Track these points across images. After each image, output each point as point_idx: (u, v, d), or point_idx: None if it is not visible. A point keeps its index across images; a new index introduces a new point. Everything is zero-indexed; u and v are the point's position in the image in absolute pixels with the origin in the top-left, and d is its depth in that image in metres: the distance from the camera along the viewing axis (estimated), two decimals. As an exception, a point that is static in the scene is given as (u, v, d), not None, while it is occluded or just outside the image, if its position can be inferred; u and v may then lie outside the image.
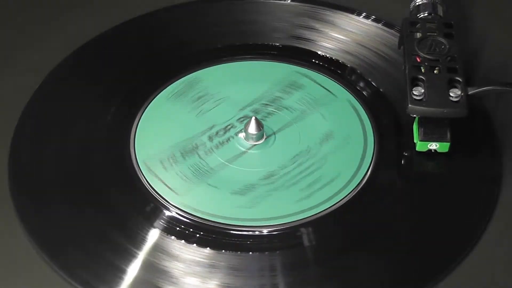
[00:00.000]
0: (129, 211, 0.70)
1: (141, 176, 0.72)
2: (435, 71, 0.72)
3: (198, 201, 0.70)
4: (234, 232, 0.68)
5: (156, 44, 0.84)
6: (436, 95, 0.70)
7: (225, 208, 0.70)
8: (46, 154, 0.74)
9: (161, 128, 0.76)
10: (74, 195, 0.71)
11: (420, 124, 0.72)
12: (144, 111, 0.77)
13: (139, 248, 0.67)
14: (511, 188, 0.71)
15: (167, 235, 0.68)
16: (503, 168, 0.73)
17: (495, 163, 0.73)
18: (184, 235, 0.68)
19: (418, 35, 0.76)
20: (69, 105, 0.78)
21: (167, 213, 0.69)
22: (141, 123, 0.76)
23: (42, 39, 0.85)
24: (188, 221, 0.69)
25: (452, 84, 0.71)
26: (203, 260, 0.66)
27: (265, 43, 0.84)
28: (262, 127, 0.74)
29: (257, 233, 0.68)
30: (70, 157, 0.74)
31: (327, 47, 0.83)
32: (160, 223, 0.69)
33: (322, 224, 0.69)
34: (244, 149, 0.74)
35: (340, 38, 0.84)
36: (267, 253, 0.67)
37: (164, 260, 0.66)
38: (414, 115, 0.72)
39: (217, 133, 0.75)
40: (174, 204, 0.70)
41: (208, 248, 0.67)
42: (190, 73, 0.80)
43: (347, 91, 0.79)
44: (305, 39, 0.84)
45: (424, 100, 0.70)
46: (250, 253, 0.67)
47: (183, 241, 0.67)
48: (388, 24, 0.84)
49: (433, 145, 0.72)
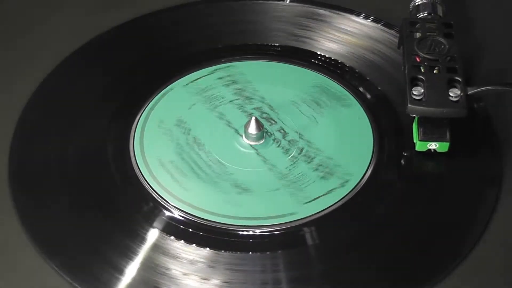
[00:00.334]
0: (128, 211, 0.70)
1: (140, 176, 0.72)
2: (434, 71, 0.72)
3: (198, 201, 0.70)
4: (234, 232, 0.68)
5: (156, 44, 0.84)
6: (436, 95, 0.70)
7: (225, 207, 0.70)
8: (46, 154, 0.74)
9: (161, 128, 0.76)
10: (74, 195, 0.71)
11: (419, 124, 0.72)
12: (144, 111, 0.77)
13: (139, 248, 0.67)
14: (511, 188, 0.71)
15: (167, 235, 0.68)
16: (503, 168, 0.73)
17: (495, 163, 0.73)
18: (184, 235, 0.68)
19: (418, 35, 0.76)
20: (69, 105, 0.78)
21: (166, 213, 0.69)
22: (141, 122, 0.76)
23: (42, 39, 0.85)
24: (187, 221, 0.69)
25: (451, 84, 0.71)
26: (203, 260, 0.66)
27: (265, 43, 0.84)
28: (262, 127, 0.74)
29: (257, 233, 0.68)
30: (70, 157, 0.74)
31: (327, 47, 0.83)
32: (159, 223, 0.69)
33: (322, 224, 0.69)
34: (244, 149, 0.74)
35: (340, 38, 0.84)
36: (267, 253, 0.67)
37: (164, 260, 0.66)
38: (414, 115, 0.72)
39: (220, 133, 0.75)
40: (173, 204, 0.70)
41: (207, 248, 0.67)
42: (190, 73, 0.81)
43: (347, 91, 0.79)
44: (305, 39, 0.84)
45: (424, 100, 0.70)
46: (250, 253, 0.67)
47: (182, 241, 0.68)
48: (387, 24, 0.84)
49: (433, 145, 0.72)
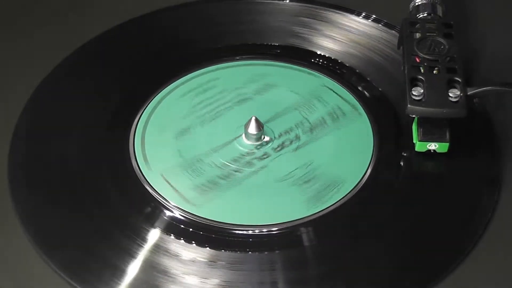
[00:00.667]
0: (129, 210, 0.70)
1: (140, 175, 0.72)
2: (434, 72, 0.72)
3: (198, 201, 0.70)
4: (233, 231, 0.68)
5: (156, 44, 0.84)
6: (435, 95, 0.70)
7: (225, 207, 0.70)
8: (46, 154, 0.74)
9: (161, 128, 0.76)
10: (74, 195, 0.71)
11: (419, 124, 0.72)
12: (144, 111, 0.77)
13: (139, 248, 0.67)
14: (511, 188, 0.71)
15: (167, 234, 0.68)
16: (503, 168, 0.73)
17: (495, 163, 0.73)
18: (184, 234, 0.68)
19: (418, 35, 0.76)
20: (69, 105, 0.78)
21: (166, 212, 0.69)
22: (141, 122, 0.76)
23: (42, 39, 0.85)
24: (187, 220, 0.69)
25: (451, 85, 0.71)
26: (202, 259, 0.66)
27: (265, 43, 0.84)
28: (262, 127, 0.74)
29: (257, 232, 0.68)
30: (70, 156, 0.74)
31: (327, 47, 0.83)
32: (159, 222, 0.69)
33: (322, 224, 0.69)
34: (244, 149, 0.74)
35: (340, 38, 0.84)
36: (266, 252, 0.67)
37: (164, 260, 0.66)
38: (414, 115, 0.72)
39: (220, 133, 0.75)
40: (173, 204, 0.70)
41: (207, 247, 0.67)
42: (194, 71, 0.81)
43: (347, 91, 0.79)
44: (305, 39, 0.84)
45: (423, 100, 0.70)
46: (250, 252, 0.67)
47: (182, 240, 0.68)
48: (388, 24, 0.84)
49: (433, 145, 0.72)
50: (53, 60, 0.82)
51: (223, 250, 0.67)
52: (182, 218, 0.69)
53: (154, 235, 0.68)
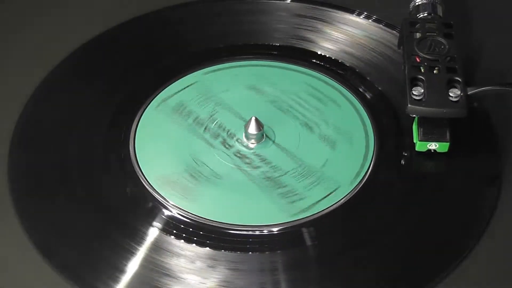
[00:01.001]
0: (129, 210, 0.70)
1: (140, 175, 0.72)
2: (434, 71, 0.72)
3: (198, 201, 0.70)
4: (233, 232, 0.68)
5: (156, 44, 0.84)
6: (436, 95, 0.70)
7: (225, 207, 0.70)
8: (46, 154, 0.74)
9: (161, 128, 0.76)
10: (73, 195, 0.71)
11: (419, 124, 0.72)
12: (144, 111, 0.77)
13: (139, 248, 0.67)
14: (511, 188, 0.71)
15: (167, 234, 0.68)
16: (503, 168, 0.73)
17: (495, 163, 0.73)
18: (184, 235, 0.68)
19: (418, 35, 0.76)
20: (69, 105, 0.78)
21: (166, 212, 0.69)
22: (141, 123, 0.76)
23: (42, 39, 0.85)
24: (187, 220, 0.69)
25: (451, 84, 0.71)
26: (203, 260, 0.66)
27: (265, 43, 0.84)
28: (262, 127, 0.74)
29: (257, 233, 0.68)
30: (70, 156, 0.74)
31: (327, 47, 0.83)
32: (159, 222, 0.69)
33: (322, 224, 0.69)
34: (244, 149, 0.74)
35: (340, 38, 0.84)
36: (267, 253, 0.67)
37: (164, 260, 0.66)
38: (414, 115, 0.72)
39: (218, 135, 0.76)
40: (173, 204, 0.70)
41: (207, 248, 0.67)
42: (195, 71, 0.81)
43: (347, 91, 0.79)
44: (305, 39, 0.84)
45: (424, 100, 0.70)
46: (250, 252, 0.67)
47: (182, 240, 0.68)
48: (388, 24, 0.84)
49: (433, 145, 0.72)
50: (53, 60, 0.82)
51: (223, 250, 0.67)
52: (182, 218, 0.69)
53: (154, 235, 0.68)
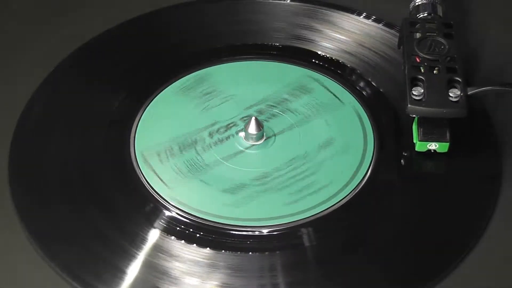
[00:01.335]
0: (129, 211, 0.70)
1: (141, 176, 0.72)
2: (434, 71, 0.72)
3: (198, 201, 0.70)
4: (234, 232, 0.68)
5: (156, 44, 0.84)
6: (436, 95, 0.70)
7: (225, 208, 0.70)
8: (46, 154, 0.74)
9: (160, 129, 0.76)
10: (74, 195, 0.71)
11: (419, 124, 0.72)
12: (145, 111, 0.77)
13: (139, 248, 0.67)
14: (511, 188, 0.71)
15: (167, 235, 0.68)
16: (503, 168, 0.73)
17: (495, 163, 0.73)
18: (184, 235, 0.68)
19: (418, 35, 0.76)
20: (69, 104, 0.78)
21: (167, 213, 0.69)
22: (141, 123, 0.76)
23: (43, 39, 0.85)
24: (188, 221, 0.69)
25: (451, 84, 0.71)
26: (203, 260, 0.66)
27: (265, 43, 0.84)
28: (262, 127, 0.74)
29: (257, 233, 0.68)
30: (70, 156, 0.74)
31: (327, 47, 0.83)
32: (160, 223, 0.69)
33: (322, 224, 0.69)
34: (243, 149, 0.74)
35: (340, 38, 0.84)
36: (267, 253, 0.67)
37: (164, 260, 0.66)
38: (414, 115, 0.72)
39: (218, 130, 0.76)
40: (174, 204, 0.70)
41: (208, 248, 0.67)
42: (195, 71, 0.81)
43: (347, 91, 0.79)
44: (305, 39, 0.84)
45: (424, 100, 0.70)
46: (250, 253, 0.67)
47: (183, 241, 0.68)
48: (388, 24, 0.84)
49: (433, 145, 0.72)
50: (53, 60, 0.82)
51: (223, 251, 0.67)
52: (183, 219, 0.69)
53: (154, 235, 0.68)
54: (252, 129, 0.73)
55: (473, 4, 0.88)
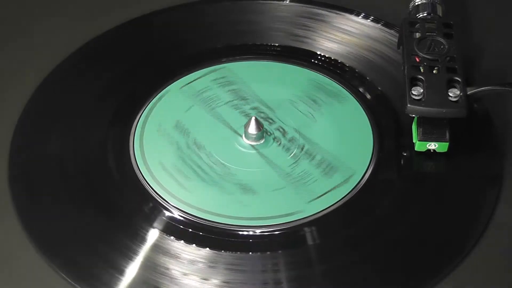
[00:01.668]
0: (129, 211, 0.70)
1: (140, 176, 0.72)
2: (434, 71, 0.72)
3: (198, 201, 0.70)
4: (233, 232, 0.68)
5: (156, 44, 0.84)
6: (435, 95, 0.70)
7: (225, 208, 0.70)
8: (46, 154, 0.74)
9: (160, 129, 0.76)
10: (74, 195, 0.71)
11: (419, 124, 0.72)
12: (144, 111, 0.77)
13: (139, 248, 0.67)
14: (511, 188, 0.71)
15: (167, 235, 0.68)
16: (503, 168, 0.73)
17: (495, 163, 0.73)
18: (184, 235, 0.68)
19: (417, 35, 0.76)
20: (69, 105, 0.78)
21: (166, 213, 0.69)
22: (140, 123, 0.76)
23: (42, 39, 0.85)
24: (187, 221, 0.69)
25: (451, 84, 0.71)
26: (203, 260, 0.66)
27: (265, 43, 0.84)
28: (262, 127, 0.74)
29: (257, 233, 0.68)
30: (70, 156, 0.74)
31: (327, 47, 0.83)
32: (159, 223, 0.69)
33: (322, 224, 0.69)
34: (244, 149, 0.74)
35: (340, 38, 0.84)
36: (267, 253, 0.67)
37: (164, 260, 0.66)
38: (413, 115, 0.72)
39: (219, 133, 0.76)
40: (173, 204, 0.70)
41: (207, 248, 0.67)
42: (195, 71, 0.81)
43: (347, 91, 0.79)
44: (305, 39, 0.84)
45: (423, 100, 0.70)
46: (250, 253, 0.67)
47: (182, 241, 0.68)
48: (387, 24, 0.84)
49: (432, 145, 0.72)
50: (53, 60, 0.82)
51: (223, 251, 0.67)
52: (182, 218, 0.69)
53: (154, 235, 0.68)
54: (252, 129, 0.74)
55: (473, 4, 0.88)
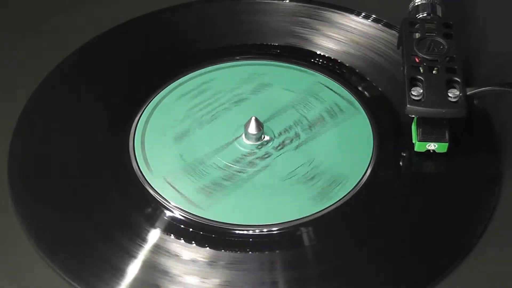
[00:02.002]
0: (129, 210, 0.70)
1: (140, 176, 0.72)
2: (433, 72, 0.72)
3: (198, 201, 0.70)
4: (233, 231, 0.68)
5: (155, 44, 0.84)
6: (435, 95, 0.70)
7: (225, 207, 0.70)
8: (46, 154, 0.74)
9: (161, 128, 0.76)
10: (73, 195, 0.71)
11: (418, 125, 0.72)
12: (144, 111, 0.77)
13: (139, 248, 0.67)
14: (511, 188, 0.71)
15: (167, 234, 0.68)
16: (502, 168, 0.73)
17: (495, 163, 0.73)
18: (184, 234, 0.68)
19: (417, 35, 0.76)
20: (69, 105, 0.78)
21: (166, 212, 0.69)
22: (140, 123, 0.76)
23: (42, 39, 0.85)
24: (187, 220, 0.69)
25: (450, 85, 0.71)
26: (202, 259, 0.66)
27: (265, 43, 0.84)
28: (262, 127, 0.74)
29: (257, 232, 0.68)
30: (70, 157, 0.74)
31: (327, 47, 0.83)
32: (159, 222, 0.69)
33: (321, 224, 0.69)
34: (244, 149, 0.74)
35: (340, 38, 0.84)
36: (266, 252, 0.67)
37: (164, 260, 0.66)
38: (413, 115, 0.72)
39: (219, 132, 0.76)
40: (173, 204, 0.70)
41: (207, 247, 0.67)
42: (195, 71, 0.81)
43: (347, 91, 0.79)
44: (305, 39, 0.84)
45: (423, 100, 0.70)
46: (250, 252, 0.67)
47: (182, 240, 0.68)
48: (387, 24, 0.84)
49: (432, 146, 0.72)
50: (53, 60, 0.82)
51: (223, 250, 0.67)
52: (182, 218, 0.69)
53: (154, 235, 0.68)
54: (252, 129, 0.74)
55: (473, 4, 0.88)
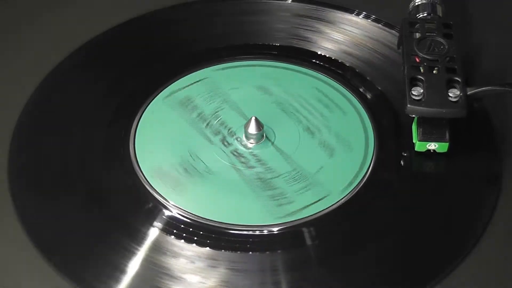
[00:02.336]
0: (129, 210, 0.70)
1: (140, 175, 0.72)
2: (434, 71, 0.72)
3: (198, 201, 0.70)
4: (233, 231, 0.68)
5: (156, 44, 0.84)
6: (435, 95, 0.70)
7: (225, 207, 0.70)
8: (46, 154, 0.74)
9: (161, 127, 0.76)
10: (73, 195, 0.71)
11: (419, 124, 0.72)
12: (144, 111, 0.77)
13: (139, 247, 0.67)
14: (511, 188, 0.71)
15: (167, 234, 0.68)
16: (502, 168, 0.73)
17: (495, 163, 0.73)
18: (184, 234, 0.68)
19: (417, 35, 0.76)
20: (69, 105, 0.78)
21: (166, 212, 0.69)
22: (141, 122, 0.76)
23: (42, 39, 0.85)
24: (187, 220, 0.69)
25: (451, 84, 0.71)
26: (203, 260, 0.66)
27: (265, 43, 0.84)
28: (262, 127, 0.74)
29: (257, 232, 0.68)
30: (70, 156, 0.74)
31: (327, 47, 0.83)
32: (159, 222, 0.69)
33: (322, 224, 0.69)
34: (244, 149, 0.74)
35: (340, 38, 0.84)
36: (267, 252, 0.67)
37: (164, 260, 0.66)
38: (413, 115, 0.72)
39: (219, 132, 0.76)
40: (173, 204, 0.70)
41: (207, 247, 0.67)
42: (195, 71, 0.81)
43: (347, 91, 0.79)
44: (305, 39, 0.84)
45: (423, 100, 0.70)
46: (250, 252, 0.67)
47: (182, 240, 0.68)
48: (387, 24, 0.84)
49: (432, 145, 0.72)
50: (53, 60, 0.82)
51: (223, 250, 0.67)
52: (182, 218, 0.69)
53: (154, 234, 0.68)
54: (252, 129, 0.74)
55: (473, 4, 0.88)
